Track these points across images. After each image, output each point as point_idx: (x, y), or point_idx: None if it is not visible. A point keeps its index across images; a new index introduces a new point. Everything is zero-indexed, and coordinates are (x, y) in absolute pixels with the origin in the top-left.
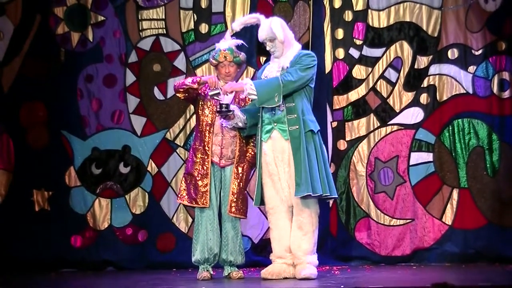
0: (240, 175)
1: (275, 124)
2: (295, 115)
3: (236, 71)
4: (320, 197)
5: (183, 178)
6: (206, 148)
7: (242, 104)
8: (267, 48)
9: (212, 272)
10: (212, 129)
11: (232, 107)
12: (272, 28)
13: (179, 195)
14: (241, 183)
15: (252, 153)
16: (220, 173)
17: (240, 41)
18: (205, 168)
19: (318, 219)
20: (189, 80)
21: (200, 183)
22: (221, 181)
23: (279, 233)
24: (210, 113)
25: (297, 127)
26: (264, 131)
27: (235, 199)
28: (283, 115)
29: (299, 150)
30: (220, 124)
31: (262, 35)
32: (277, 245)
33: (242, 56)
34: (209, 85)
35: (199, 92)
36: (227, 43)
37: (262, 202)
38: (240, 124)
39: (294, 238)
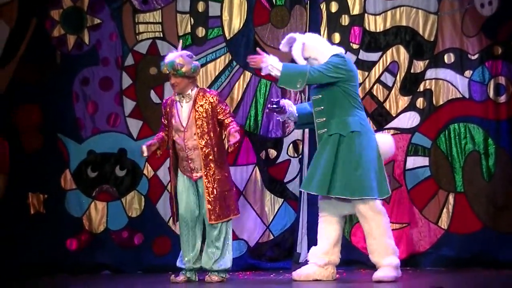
0: (212, 182)
1: (318, 129)
2: (324, 119)
3: (184, 81)
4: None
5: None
6: (173, 169)
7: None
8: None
9: (188, 276)
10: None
11: (282, 102)
12: (295, 58)
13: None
14: (214, 190)
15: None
16: (195, 186)
17: (187, 52)
18: (173, 187)
19: (386, 220)
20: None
21: (173, 201)
22: (198, 194)
23: (320, 235)
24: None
25: (325, 130)
26: (317, 135)
27: (212, 208)
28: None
29: (322, 153)
30: (182, 140)
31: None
32: (316, 246)
33: (186, 67)
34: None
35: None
36: (172, 55)
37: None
38: (292, 119)
39: (369, 247)
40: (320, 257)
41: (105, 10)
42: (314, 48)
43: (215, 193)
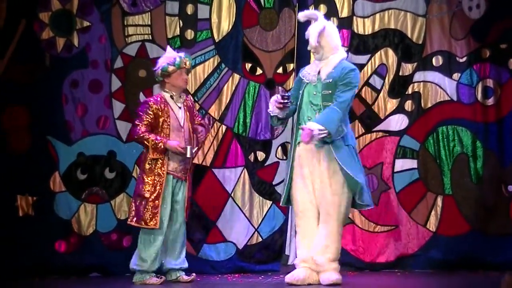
0: (190, 180)
1: None
2: None
3: None
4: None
5: (133, 200)
6: (161, 170)
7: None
8: (308, 48)
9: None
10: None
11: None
12: (310, 33)
13: (129, 216)
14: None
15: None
16: (175, 185)
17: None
18: (157, 189)
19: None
20: (157, 144)
21: (151, 204)
22: (176, 192)
23: (307, 237)
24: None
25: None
26: (299, 135)
27: (188, 205)
28: None
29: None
30: (183, 139)
31: (306, 34)
32: (304, 249)
33: None
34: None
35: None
36: (179, 53)
37: (288, 201)
38: (282, 116)
39: (320, 246)
40: (313, 263)
41: (94, 13)
42: (329, 38)
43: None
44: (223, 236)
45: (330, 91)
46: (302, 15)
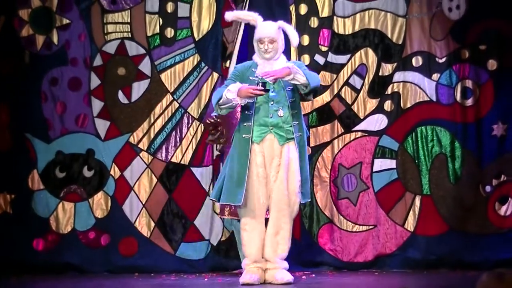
0: None
1: (272, 128)
2: (297, 122)
3: None
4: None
5: None
6: None
7: None
8: (262, 48)
9: None
10: None
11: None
12: (286, 29)
13: None
14: None
15: None
16: None
17: None
18: None
19: None
20: None
21: None
22: None
23: (258, 237)
24: None
25: (301, 134)
26: (257, 132)
27: None
28: (281, 120)
29: (303, 159)
30: None
31: (266, 32)
32: (256, 249)
33: None
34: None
35: None
36: None
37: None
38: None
39: (271, 243)
40: (263, 261)
41: (74, 10)
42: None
43: None
44: (201, 234)
45: (294, 99)
46: (232, 16)
